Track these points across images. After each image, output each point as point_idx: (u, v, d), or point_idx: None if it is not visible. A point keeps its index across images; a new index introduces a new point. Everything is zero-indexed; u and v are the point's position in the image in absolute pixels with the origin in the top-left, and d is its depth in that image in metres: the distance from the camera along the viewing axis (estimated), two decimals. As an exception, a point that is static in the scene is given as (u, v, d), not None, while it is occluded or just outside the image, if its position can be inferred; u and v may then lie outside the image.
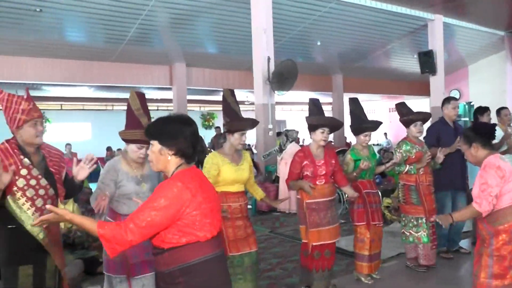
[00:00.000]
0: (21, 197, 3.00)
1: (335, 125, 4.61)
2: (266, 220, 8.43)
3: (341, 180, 4.67)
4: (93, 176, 3.83)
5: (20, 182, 3.00)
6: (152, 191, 3.40)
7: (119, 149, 10.48)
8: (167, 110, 17.81)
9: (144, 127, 3.19)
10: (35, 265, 3.06)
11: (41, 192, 3.05)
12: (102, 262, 5.72)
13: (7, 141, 3.08)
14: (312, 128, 4.53)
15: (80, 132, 20.36)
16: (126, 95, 12.97)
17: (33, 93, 14.62)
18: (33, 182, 3.03)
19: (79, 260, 5.66)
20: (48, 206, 2.25)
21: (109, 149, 16.97)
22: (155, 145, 2.35)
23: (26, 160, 3.05)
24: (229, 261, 4.01)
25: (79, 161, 3.28)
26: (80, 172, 3.19)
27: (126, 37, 11.26)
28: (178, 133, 2.33)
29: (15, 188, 2.97)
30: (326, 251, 4.51)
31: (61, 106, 19.78)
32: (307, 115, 4.66)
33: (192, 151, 2.37)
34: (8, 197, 2.98)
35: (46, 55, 11.42)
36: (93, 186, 7.92)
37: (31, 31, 10.23)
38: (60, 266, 3.20)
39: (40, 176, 3.07)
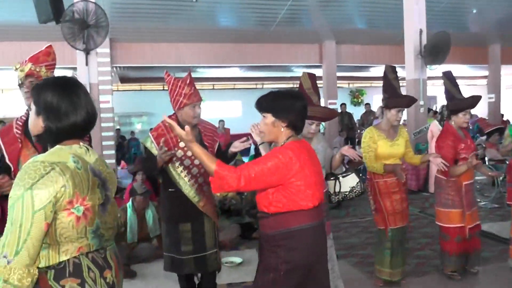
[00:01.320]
0: (179, 166, 3.47)
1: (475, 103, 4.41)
2: (415, 199, 8.19)
3: None
4: (245, 151, 4.18)
5: (179, 153, 3.46)
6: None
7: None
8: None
9: (314, 105, 3.52)
10: (193, 223, 3.51)
11: (196, 162, 3.45)
12: (256, 228, 6.18)
13: (169, 117, 3.47)
14: (454, 112, 4.38)
15: (231, 110, 21.32)
16: (276, 74, 13.33)
17: (183, 75, 15.63)
18: (189, 153, 3.44)
19: (236, 224, 6.13)
20: (166, 118, 2.50)
21: (258, 126, 17.57)
22: (269, 117, 2.52)
23: None
24: (380, 234, 4.13)
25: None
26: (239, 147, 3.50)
27: (277, 19, 11.53)
28: (290, 106, 2.49)
29: (174, 158, 3.44)
30: (469, 235, 4.33)
31: (213, 86, 20.83)
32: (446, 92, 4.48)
33: (301, 123, 2.56)
34: (169, 165, 3.45)
35: (201, 40, 12.14)
36: (245, 160, 8.48)
37: (188, 20, 10.97)
38: (218, 226, 3.64)
39: None
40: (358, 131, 14.04)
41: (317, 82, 3.72)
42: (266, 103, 2.55)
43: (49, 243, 1.75)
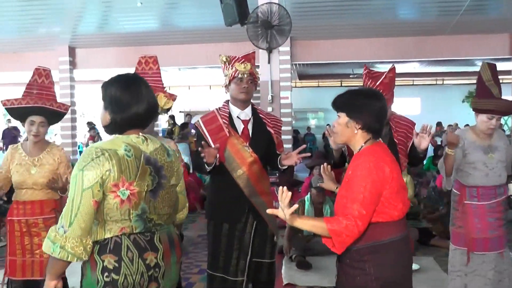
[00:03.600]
0: None
1: None
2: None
3: None
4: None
5: None
6: (501, 162, 3.50)
7: (466, 125, 10.05)
8: (505, 83, 16.45)
9: (495, 98, 3.29)
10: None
11: None
12: (435, 235, 5.96)
13: None
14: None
15: (409, 107, 20.59)
16: (457, 69, 12.42)
17: (361, 71, 15.38)
18: None
19: (414, 228, 5.95)
20: (269, 211, 2.23)
21: (439, 124, 16.75)
22: (342, 117, 2.33)
23: None
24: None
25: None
26: (422, 142, 3.26)
27: (462, 7, 10.79)
28: (365, 106, 2.29)
29: None
30: None
31: (392, 82, 20.30)
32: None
33: (379, 126, 2.33)
34: None
35: (379, 35, 11.90)
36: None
37: (366, 15, 10.83)
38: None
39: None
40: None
41: (506, 77, 3.42)
42: (340, 102, 2.38)
43: (98, 220, 2.00)
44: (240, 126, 3.33)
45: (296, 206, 2.07)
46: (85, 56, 12.92)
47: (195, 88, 20.47)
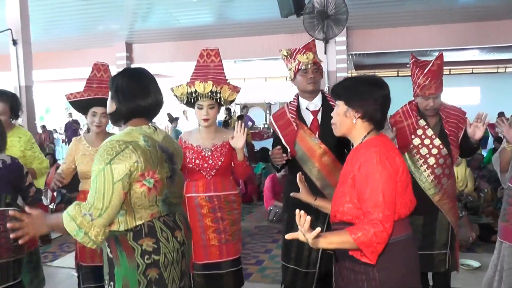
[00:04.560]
0: (415, 154, 3.31)
1: None
2: None
3: None
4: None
5: (416, 141, 3.31)
6: None
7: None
8: None
9: None
10: (426, 216, 3.32)
11: (434, 151, 3.27)
12: (496, 231, 5.72)
13: (409, 103, 3.42)
14: None
15: (469, 97, 19.94)
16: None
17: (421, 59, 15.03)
18: (427, 141, 3.29)
19: (474, 224, 5.73)
20: (288, 236, 2.02)
21: (500, 114, 16.10)
22: (341, 106, 2.13)
23: (422, 121, 3.35)
24: None
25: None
26: (477, 132, 3.17)
27: (528, -11, 10.29)
28: (366, 94, 2.08)
29: (411, 146, 3.31)
30: None
31: (450, 71, 19.69)
32: None
33: (380, 116, 2.11)
34: (406, 153, 3.32)
35: (439, 22, 11.54)
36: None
37: (423, 1, 10.51)
38: (453, 225, 3.35)
39: (434, 136, 3.30)
40: None
41: None
42: (339, 89, 2.18)
43: (126, 210, 2.08)
44: (309, 118, 3.29)
45: (318, 229, 1.86)
46: (142, 51, 13.26)
47: (250, 80, 20.56)
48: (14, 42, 8.72)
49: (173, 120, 14.74)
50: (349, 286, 2.12)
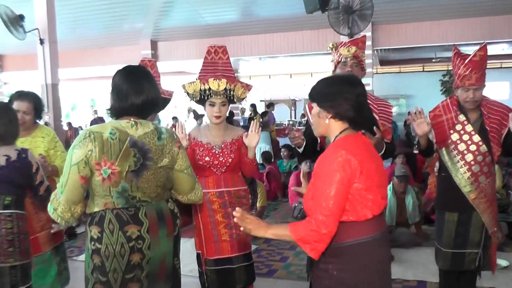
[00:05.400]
0: (453, 150, 3.26)
1: None
2: None
3: None
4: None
5: (454, 136, 3.26)
6: None
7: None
8: None
9: None
10: (460, 214, 3.28)
11: (472, 147, 3.20)
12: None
13: (451, 97, 3.38)
14: None
15: (497, 92, 19.49)
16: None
17: (445, 54, 14.69)
18: (465, 137, 3.23)
19: (503, 223, 5.61)
20: (236, 217, 2.11)
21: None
22: (314, 107, 2.15)
23: (461, 116, 3.28)
24: None
25: None
26: None
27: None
28: (336, 94, 2.07)
29: (449, 141, 3.26)
30: None
31: (478, 66, 19.30)
32: None
33: (354, 114, 2.07)
34: (444, 148, 3.29)
35: (465, 15, 11.34)
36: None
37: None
38: (488, 225, 3.28)
39: (473, 132, 3.22)
40: None
41: None
42: (311, 92, 2.18)
43: (91, 195, 2.27)
44: None
45: (238, 210, 2.07)
46: (167, 48, 13.35)
47: (275, 77, 20.51)
48: (41, 42, 8.90)
49: (198, 117, 14.81)
50: (315, 282, 2.17)
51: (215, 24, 11.67)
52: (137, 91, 2.28)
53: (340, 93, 2.06)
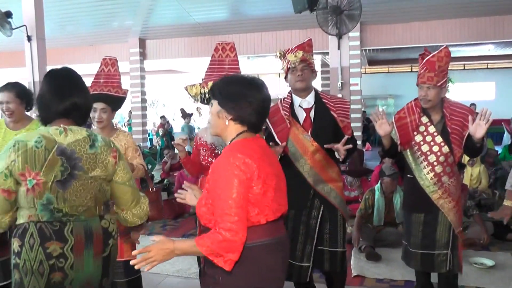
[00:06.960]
0: (417, 151, 3.32)
1: None
2: None
3: None
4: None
5: (418, 138, 3.32)
6: None
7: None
8: None
9: None
10: (426, 215, 3.33)
11: (435, 148, 3.26)
12: (511, 229, 5.67)
13: (415, 99, 3.40)
14: None
15: (483, 92, 19.72)
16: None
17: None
18: (428, 138, 3.29)
19: (488, 222, 5.66)
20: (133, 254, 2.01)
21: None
22: (214, 105, 2.05)
23: (424, 118, 3.34)
24: None
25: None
26: (478, 130, 3.04)
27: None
28: (240, 96, 1.99)
29: (413, 142, 3.31)
30: None
31: (464, 66, 19.47)
32: None
33: (255, 119, 2.02)
34: (408, 150, 3.35)
35: (453, 16, 11.41)
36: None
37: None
38: (454, 225, 3.30)
39: (436, 134, 3.28)
40: None
41: None
42: (214, 88, 2.08)
43: (18, 206, 2.11)
44: (302, 115, 3.31)
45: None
46: (155, 47, 13.30)
47: (264, 76, 20.52)
48: (29, 38, 8.80)
49: (186, 116, 14.79)
50: (204, 283, 2.12)
51: (203, 22, 11.64)
52: (60, 96, 2.15)
53: (245, 96, 2.00)
